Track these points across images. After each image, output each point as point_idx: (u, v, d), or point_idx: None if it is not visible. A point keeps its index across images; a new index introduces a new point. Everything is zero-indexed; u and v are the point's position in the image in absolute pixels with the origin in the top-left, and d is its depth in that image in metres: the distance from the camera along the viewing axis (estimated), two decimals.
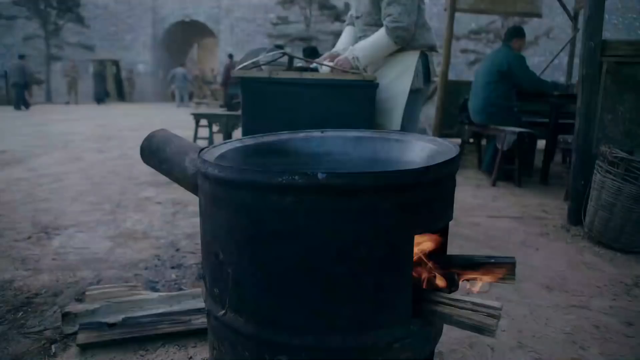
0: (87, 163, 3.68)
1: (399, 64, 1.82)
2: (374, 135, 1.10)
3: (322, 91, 1.58)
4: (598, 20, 2.13)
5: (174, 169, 1.04)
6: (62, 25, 16.99)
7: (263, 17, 20.35)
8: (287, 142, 1.09)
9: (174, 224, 2.11)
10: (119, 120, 8.39)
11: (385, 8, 1.71)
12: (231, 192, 0.66)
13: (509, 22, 16.85)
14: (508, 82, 3.42)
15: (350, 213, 0.62)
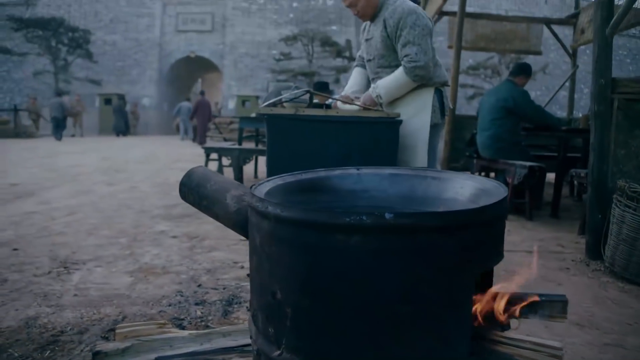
0: (97, 196, 3.69)
1: (416, 101, 1.88)
2: (409, 172, 1.12)
3: (347, 128, 1.62)
4: (606, 59, 2.20)
5: (214, 206, 1.06)
6: (71, 61, 17.45)
7: (266, 53, 20.96)
8: (325, 179, 1.11)
9: (192, 259, 2.09)
10: (125, 153, 8.47)
11: (401, 49, 1.78)
12: (295, 231, 0.67)
13: (506, 59, 17.40)
14: (514, 117, 3.50)
15: (415, 252, 0.63)
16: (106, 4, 21.96)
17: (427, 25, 1.77)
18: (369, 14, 1.86)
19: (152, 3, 21.97)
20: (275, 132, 1.62)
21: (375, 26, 1.88)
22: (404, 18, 1.73)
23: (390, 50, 1.83)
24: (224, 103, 20.41)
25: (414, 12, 1.75)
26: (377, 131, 1.62)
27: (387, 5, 1.82)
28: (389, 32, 1.79)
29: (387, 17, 1.78)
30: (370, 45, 1.93)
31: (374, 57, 1.92)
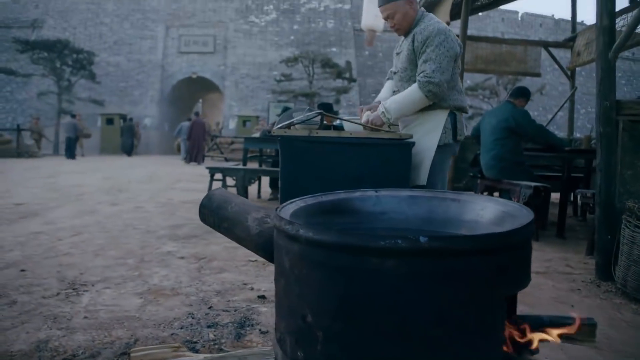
0: (102, 216, 3.68)
1: (429, 122, 1.90)
2: (428, 194, 1.13)
3: (360, 149, 1.64)
4: (610, 82, 2.24)
5: (235, 228, 1.06)
6: (75, 81, 17.67)
7: (267, 74, 21.27)
8: (345, 201, 1.11)
9: (201, 280, 2.08)
10: (126, 173, 8.49)
11: (420, 65, 1.82)
12: (328, 254, 0.68)
13: (504, 80, 17.68)
14: (516, 137, 3.54)
15: (448, 275, 0.63)
16: (111, 26, 22.39)
17: (452, 48, 1.81)
18: (404, 28, 1.91)
19: (156, 25, 22.40)
20: (289, 153, 1.64)
21: (406, 40, 1.93)
22: (432, 37, 1.78)
23: (413, 64, 1.87)
24: (224, 123, 20.57)
25: (444, 32, 1.80)
26: (389, 152, 1.64)
27: (421, 22, 1.88)
28: (415, 47, 1.83)
29: (417, 32, 1.83)
30: (398, 59, 1.98)
31: (399, 70, 1.96)
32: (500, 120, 3.55)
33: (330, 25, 22.11)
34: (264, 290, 1.94)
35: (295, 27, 22.15)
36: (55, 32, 21.44)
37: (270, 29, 22.18)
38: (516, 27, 26.37)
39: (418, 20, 1.92)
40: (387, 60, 23.98)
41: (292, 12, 22.42)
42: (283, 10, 22.42)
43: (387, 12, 1.91)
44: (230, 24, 22.21)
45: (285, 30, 22.12)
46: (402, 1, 1.87)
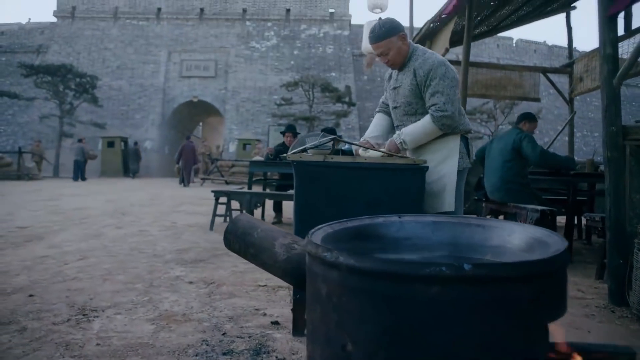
0: (108, 239, 3.66)
1: (443, 148, 1.93)
2: (451, 220, 1.14)
3: (374, 175, 1.65)
4: (616, 108, 2.29)
5: (262, 254, 1.06)
6: (77, 105, 17.85)
7: (267, 98, 21.55)
8: (369, 227, 1.12)
9: (212, 306, 2.05)
10: (128, 196, 8.47)
11: (429, 98, 1.85)
12: (370, 282, 0.68)
13: (501, 104, 17.95)
14: (521, 160, 3.56)
15: (493, 303, 0.64)
16: (114, 51, 22.81)
17: (455, 78, 1.85)
18: (398, 62, 1.95)
19: (158, 50, 22.83)
20: (304, 178, 1.65)
21: (403, 75, 1.95)
22: (434, 69, 1.82)
23: (418, 98, 1.90)
24: (225, 146, 20.69)
25: (444, 64, 1.84)
26: (404, 178, 1.65)
27: (416, 56, 1.91)
28: (418, 81, 1.87)
29: (417, 67, 1.87)
30: (397, 93, 2.00)
31: (400, 105, 1.99)
32: (507, 143, 3.59)
33: (329, 50, 22.58)
34: (277, 316, 1.92)
35: (296, 52, 22.60)
36: (59, 57, 21.81)
37: (270, 54, 22.62)
38: (511, 52, 26.99)
39: (411, 54, 1.95)
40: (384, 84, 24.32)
41: (292, 38, 22.92)
42: (283, 36, 22.93)
43: (380, 49, 1.93)
44: (232, 49, 22.65)
45: (286, 55, 22.55)
46: (395, 37, 1.90)
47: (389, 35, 1.88)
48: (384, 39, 1.89)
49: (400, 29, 1.92)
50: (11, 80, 23.68)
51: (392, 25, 1.91)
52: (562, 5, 5.65)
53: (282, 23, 23.20)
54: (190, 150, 13.63)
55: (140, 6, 23.55)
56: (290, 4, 23.35)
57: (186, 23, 23.23)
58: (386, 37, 1.89)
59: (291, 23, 23.18)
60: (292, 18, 23.21)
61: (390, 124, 2.14)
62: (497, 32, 6.08)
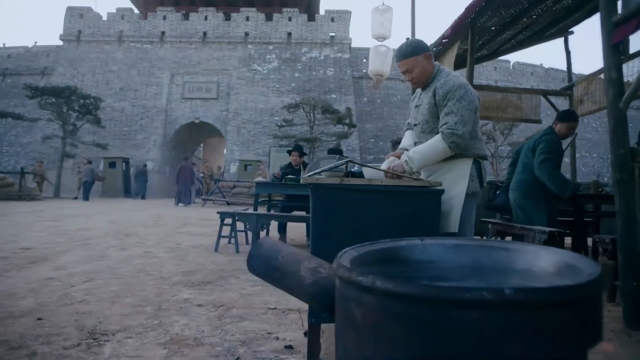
0: (113, 261, 3.64)
1: (454, 170, 1.94)
2: (473, 243, 1.14)
3: (391, 197, 1.66)
4: (623, 131, 2.32)
5: (287, 278, 1.06)
6: (80, 126, 18.00)
7: (268, 120, 21.76)
8: (393, 249, 1.12)
9: (224, 329, 2.03)
10: (130, 217, 8.45)
11: (443, 117, 1.88)
12: (409, 307, 0.68)
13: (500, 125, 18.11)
14: None
15: (535, 328, 0.64)
16: (118, 73, 23.16)
17: (473, 102, 1.88)
18: (422, 82, 1.99)
19: (161, 73, 23.18)
20: (320, 201, 1.66)
21: (425, 94, 2.00)
22: (454, 90, 1.85)
23: (435, 117, 1.93)
24: (226, 167, 20.76)
25: (464, 87, 1.88)
26: (420, 200, 1.66)
27: (439, 77, 1.95)
28: (436, 101, 1.90)
29: (438, 86, 1.90)
30: (418, 111, 2.04)
31: (419, 123, 2.02)
32: (530, 143, 3.41)
33: (330, 73, 22.94)
34: (290, 340, 1.89)
35: (297, 74, 22.96)
36: (64, 79, 22.13)
37: (272, 76, 22.97)
38: (508, 75, 27.43)
39: (435, 74, 2.00)
40: (385, 107, 24.69)
41: (293, 61, 23.32)
42: (285, 59, 23.33)
43: (405, 66, 1.98)
44: (234, 71, 23.01)
45: (287, 78, 22.90)
46: (420, 56, 1.96)
47: (415, 53, 1.93)
48: (410, 56, 1.95)
49: (426, 49, 1.97)
50: (15, 102, 23.97)
51: (419, 44, 1.97)
52: (560, 30, 5.79)
53: (283, 46, 23.65)
54: (187, 171, 13.86)
55: (144, 30, 24.06)
56: (291, 28, 23.86)
57: (189, 46, 23.68)
58: (412, 55, 1.94)
59: (292, 46, 23.63)
60: (294, 41, 23.68)
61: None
62: (498, 56, 6.20)
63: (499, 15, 4.48)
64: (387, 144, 22.85)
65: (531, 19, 5.02)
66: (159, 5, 26.13)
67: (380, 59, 7.71)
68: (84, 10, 24.37)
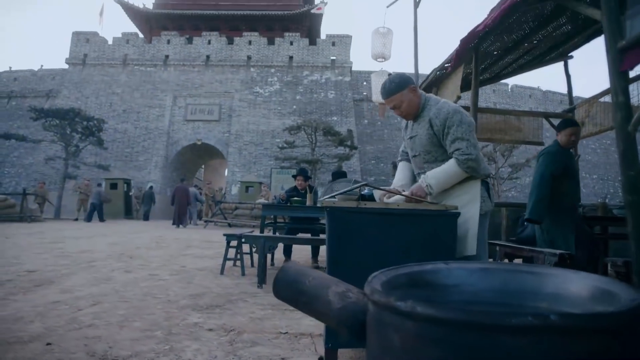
0: (119, 284, 3.60)
1: (465, 193, 1.96)
2: (498, 266, 1.14)
3: (408, 221, 1.67)
4: (632, 153, 2.34)
5: (315, 303, 1.05)
6: (83, 147, 18.10)
7: (270, 141, 21.91)
8: (418, 273, 1.12)
9: (237, 355, 1.99)
10: (132, 238, 8.40)
11: (451, 145, 1.90)
12: (452, 332, 0.67)
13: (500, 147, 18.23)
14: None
15: (580, 354, 0.63)
16: (122, 96, 23.45)
17: (471, 123, 1.92)
18: (411, 113, 2.02)
19: (165, 95, 23.48)
20: (337, 224, 1.66)
21: (419, 125, 2.02)
22: (450, 117, 1.88)
23: (437, 146, 1.95)
24: (227, 189, 20.76)
25: (459, 111, 1.91)
26: (437, 224, 1.66)
27: (429, 106, 1.98)
28: (435, 130, 1.92)
29: (432, 116, 1.93)
30: (414, 143, 2.05)
31: (419, 153, 2.04)
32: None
33: (331, 95, 23.25)
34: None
35: (298, 97, 23.26)
36: (68, 101, 22.41)
37: (273, 99, 23.27)
38: (507, 97, 27.81)
39: (424, 104, 2.02)
40: (385, 129, 24.91)
41: (294, 84, 23.67)
42: (286, 82, 23.69)
43: (392, 102, 2.00)
44: (236, 94, 23.32)
45: (288, 100, 23.19)
46: (405, 90, 1.97)
47: (399, 89, 1.96)
48: (395, 93, 1.97)
49: (409, 82, 1.99)
50: (19, 124, 24.21)
51: (402, 79, 1.99)
52: (560, 54, 5.90)
53: (285, 69, 24.05)
54: (183, 192, 13.90)
55: (148, 54, 24.51)
56: (293, 51, 24.32)
57: (192, 69, 24.07)
58: (397, 92, 1.96)
59: (294, 69, 24.02)
60: (295, 65, 24.09)
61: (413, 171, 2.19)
62: (500, 80, 6.30)
63: (501, 40, 4.58)
64: (387, 165, 22.95)
65: (532, 44, 5.13)
66: (164, 29, 26.71)
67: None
68: (90, 35, 24.89)
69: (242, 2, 28.77)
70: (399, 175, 2.21)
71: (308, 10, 26.95)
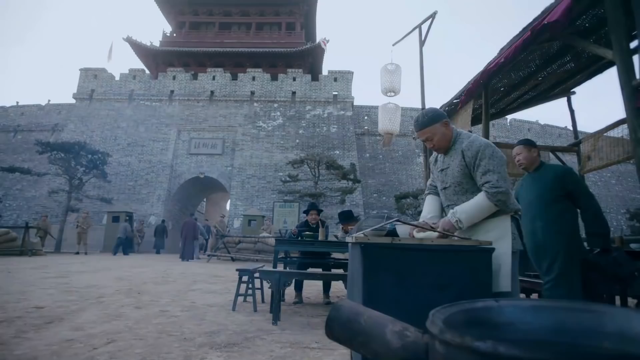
0: (131, 320, 3.52)
1: (495, 228, 1.96)
2: (550, 304, 1.13)
3: (442, 256, 1.66)
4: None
5: (372, 342, 1.04)
6: (86, 180, 18.17)
7: (273, 175, 22.02)
8: (470, 311, 1.11)
9: None
10: (137, 273, 8.28)
11: (481, 177, 1.92)
12: None
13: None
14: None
15: None
16: (126, 129, 23.78)
17: (503, 157, 1.95)
18: (443, 146, 2.07)
19: (169, 129, 23.80)
20: (370, 260, 1.66)
21: (450, 157, 2.06)
22: (482, 150, 1.92)
23: (468, 178, 1.99)
24: (229, 222, 20.66)
25: (490, 145, 1.95)
26: (472, 260, 1.66)
27: (460, 139, 2.03)
28: (467, 162, 1.96)
29: (464, 148, 1.97)
30: (445, 175, 2.09)
31: (450, 185, 2.07)
32: None
33: (333, 129, 23.58)
34: None
35: (301, 131, 23.58)
36: (74, 134, 22.71)
37: (276, 133, 23.58)
38: (506, 131, 28.19)
39: (456, 137, 2.09)
40: (387, 162, 25.10)
41: (297, 118, 24.06)
42: (289, 117, 24.09)
43: (425, 134, 2.07)
44: (239, 128, 23.65)
45: (291, 134, 23.50)
46: (439, 124, 2.05)
47: (432, 122, 2.03)
48: (428, 126, 2.04)
49: (442, 116, 2.06)
50: (23, 157, 24.42)
51: (435, 113, 2.07)
52: (563, 90, 6.06)
53: (287, 104, 24.52)
54: (191, 226, 14.28)
55: (154, 89, 25.06)
56: (295, 87, 24.89)
57: (197, 104, 24.54)
58: (430, 125, 2.03)
59: (297, 104, 24.50)
60: (298, 100, 24.59)
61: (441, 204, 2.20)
62: (505, 115, 6.43)
63: (509, 77, 4.72)
64: (390, 199, 22.96)
65: (537, 81, 5.28)
66: (170, 66, 27.46)
67: (389, 116, 7.96)
68: (98, 71, 25.55)
69: (247, 40, 29.74)
70: (427, 208, 2.23)
71: (310, 47, 27.81)
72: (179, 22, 31.07)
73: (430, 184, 2.31)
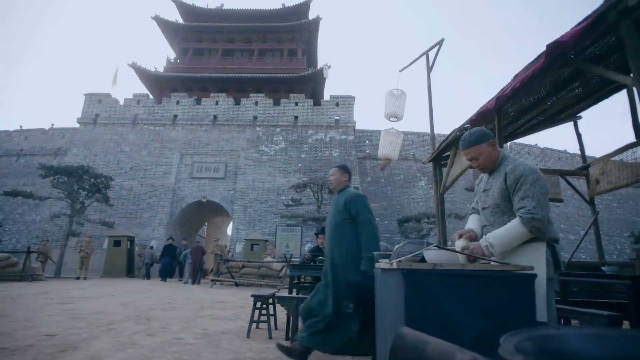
0: (146, 349, 3.44)
1: (530, 254, 1.94)
2: (615, 333, 1.11)
3: (483, 282, 1.64)
4: None
5: None
6: (88, 204, 18.11)
7: (275, 199, 21.99)
8: (535, 339, 1.09)
9: None
10: (141, 298, 8.15)
11: (519, 202, 1.92)
12: None
13: None
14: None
15: None
16: (129, 153, 23.89)
17: (545, 186, 1.95)
18: (488, 167, 2.08)
19: (171, 153, 23.92)
20: (413, 286, 1.64)
21: (494, 179, 2.07)
22: (526, 175, 1.93)
23: (507, 200, 1.99)
24: (231, 246, 20.50)
25: (535, 172, 1.96)
26: (514, 285, 1.64)
27: (506, 162, 2.05)
28: (508, 185, 1.96)
29: (508, 171, 1.98)
30: (487, 195, 2.09)
31: (489, 206, 2.07)
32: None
33: (335, 154, 23.72)
34: None
35: (303, 155, 23.72)
36: (77, 158, 22.80)
37: (279, 157, 23.70)
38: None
39: (502, 160, 2.10)
40: (388, 186, 25.14)
41: (299, 143, 24.24)
42: (291, 141, 24.27)
43: (471, 154, 2.10)
44: (242, 152, 23.79)
45: (293, 159, 23.62)
46: (484, 144, 2.08)
47: (478, 142, 2.05)
48: (474, 145, 2.06)
49: (489, 137, 2.09)
50: (25, 181, 24.43)
51: (482, 133, 2.09)
52: (570, 115, 6.14)
53: (290, 129, 24.76)
54: (198, 251, 14.54)
55: (158, 114, 25.34)
56: (298, 112, 25.19)
57: (200, 128, 24.76)
58: (476, 144, 2.05)
59: (299, 129, 24.73)
60: (300, 124, 24.83)
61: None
62: (514, 139, 6.49)
63: (519, 102, 4.79)
64: (392, 222, 22.88)
65: (546, 106, 5.35)
66: (173, 91, 27.85)
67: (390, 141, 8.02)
68: (103, 96, 25.90)
69: (249, 66, 30.30)
70: (468, 226, 2.22)
71: (312, 73, 28.30)
72: (183, 48, 31.72)
73: (473, 207, 2.31)
